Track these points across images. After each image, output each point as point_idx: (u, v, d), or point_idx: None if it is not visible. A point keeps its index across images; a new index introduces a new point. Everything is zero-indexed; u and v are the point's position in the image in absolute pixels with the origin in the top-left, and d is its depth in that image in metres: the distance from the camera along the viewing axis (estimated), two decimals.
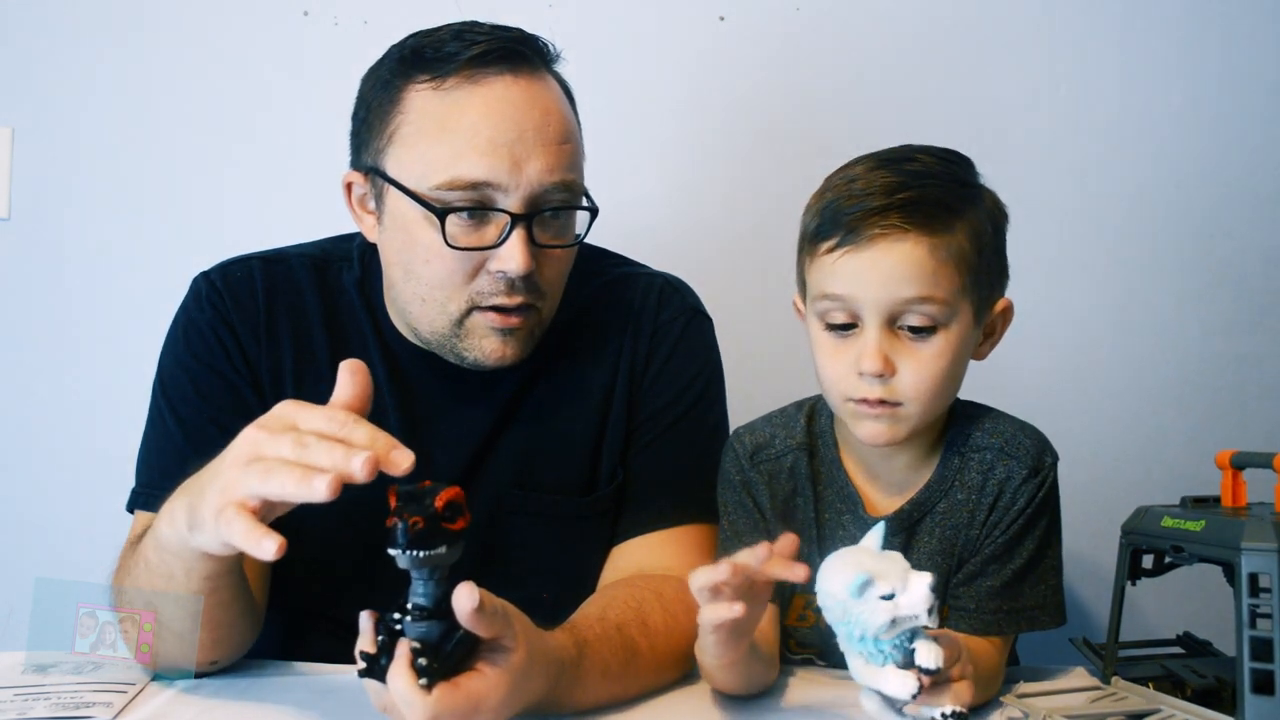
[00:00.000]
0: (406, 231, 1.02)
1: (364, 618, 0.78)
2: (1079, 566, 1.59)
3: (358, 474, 0.74)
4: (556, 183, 1.02)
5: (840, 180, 0.98)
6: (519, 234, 1.00)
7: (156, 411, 1.09)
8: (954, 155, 1.01)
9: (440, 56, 1.01)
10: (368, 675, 0.76)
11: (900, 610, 0.79)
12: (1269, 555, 0.87)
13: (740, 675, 0.93)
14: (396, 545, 0.73)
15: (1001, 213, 1.02)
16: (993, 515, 1.01)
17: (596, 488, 1.14)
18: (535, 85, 1.03)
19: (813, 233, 0.98)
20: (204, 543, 0.82)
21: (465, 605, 0.73)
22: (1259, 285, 1.65)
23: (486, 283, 1.02)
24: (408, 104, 1.02)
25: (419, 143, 1.00)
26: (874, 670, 0.80)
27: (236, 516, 0.76)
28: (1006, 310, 1.03)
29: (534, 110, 1.01)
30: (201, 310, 1.10)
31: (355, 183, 1.08)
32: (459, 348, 1.05)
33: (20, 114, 1.64)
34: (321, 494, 0.73)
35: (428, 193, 1.00)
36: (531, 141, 1.00)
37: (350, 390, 0.82)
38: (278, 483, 0.76)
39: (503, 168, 0.99)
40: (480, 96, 1.00)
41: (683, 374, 1.17)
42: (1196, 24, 1.63)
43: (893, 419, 0.96)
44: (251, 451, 0.79)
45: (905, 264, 0.93)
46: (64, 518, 1.61)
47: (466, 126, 0.99)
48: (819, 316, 0.98)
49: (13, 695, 0.90)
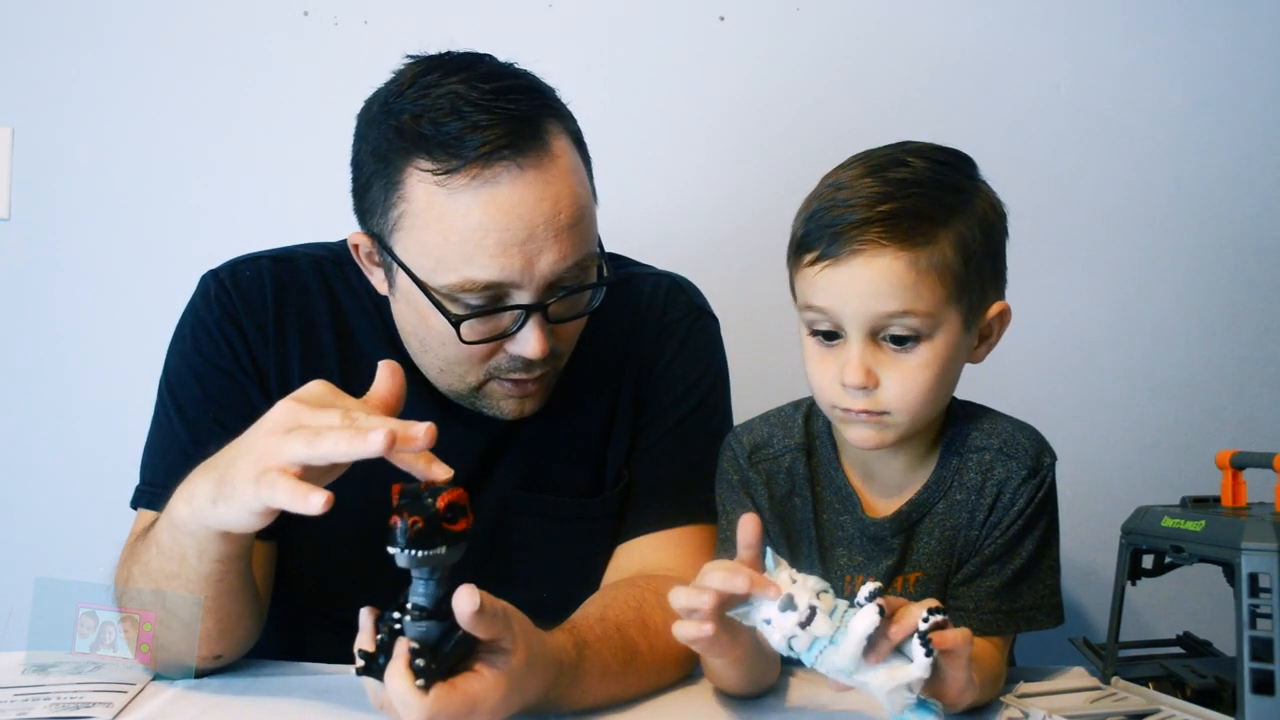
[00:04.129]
0: (419, 313, 1.01)
1: (364, 615, 0.78)
2: (1079, 567, 1.59)
3: (420, 438, 0.75)
4: (570, 267, 1.00)
5: (828, 187, 0.97)
6: (535, 321, 0.99)
7: (163, 410, 1.08)
8: (950, 157, 0.99)
9: (442, 139, 0.95)
10: (365, 674, 0.76)
11: (781, 630, 0.78)
12: (1269, 555, 0.87)
13: (745, 671, 0.93)
14: (395, 544, 0.73)
15: (997, 214, 1.00)
16: (992, 516, 1.01)
17: (603, 489, 1.14)
18: (544, 173, 0.97)
19: (798, 242, 0.97)
20: (230, 515, 0.81)
21: (466, 608, 0.74)
22: (1259, 285, 1.65)
23: (504, 360, 1.02)
24: (410, 191, 0.97)
25: (425, 237, 0.97)
26: (839, 654, 0.79)
27: (280, 478, 0.76)
28: (1003, 314, 1.01)
29: (543, 204, 0.97)
30: (210, 309, 1.09)
31: (361, 244, 1.05)
32: (478, 405, 1.07)
33: (20, 114, 1.64)
34: (378, 446, 0.73)
35: (439, 289, 0.98)
36: (542, 237, 0.96)
37: (387, 387, 0.83)
38: (329, 443, 0.76)
39: (515, 268, 0.96)
40: (487, 195, 0.95)
41: (689, 374, 1.17)
42: (1197, 24, 1.63)
43: (880, 425, 0.96)
44: (291, 420, 0.79)
45: (884, 279, 0.92)
46: (64, 518, 1.61)
47: (474, 228, 0.95)
48: (806, 325, 0.98)
49: (13, 695, 0.90)
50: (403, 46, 1.15)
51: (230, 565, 0.89)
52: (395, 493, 0.74)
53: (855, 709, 0.95)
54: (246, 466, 0.79)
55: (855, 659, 0.78)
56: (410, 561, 0.74)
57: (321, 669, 1.03)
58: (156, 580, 0.90)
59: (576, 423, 1.14)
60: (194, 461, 0.87)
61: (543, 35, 1.57)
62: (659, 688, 0.99)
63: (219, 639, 0.94)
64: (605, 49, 1.12)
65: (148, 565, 0.90)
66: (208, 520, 0.83)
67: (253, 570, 0.96)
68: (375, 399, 0.83)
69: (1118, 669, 1.01)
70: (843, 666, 0.79)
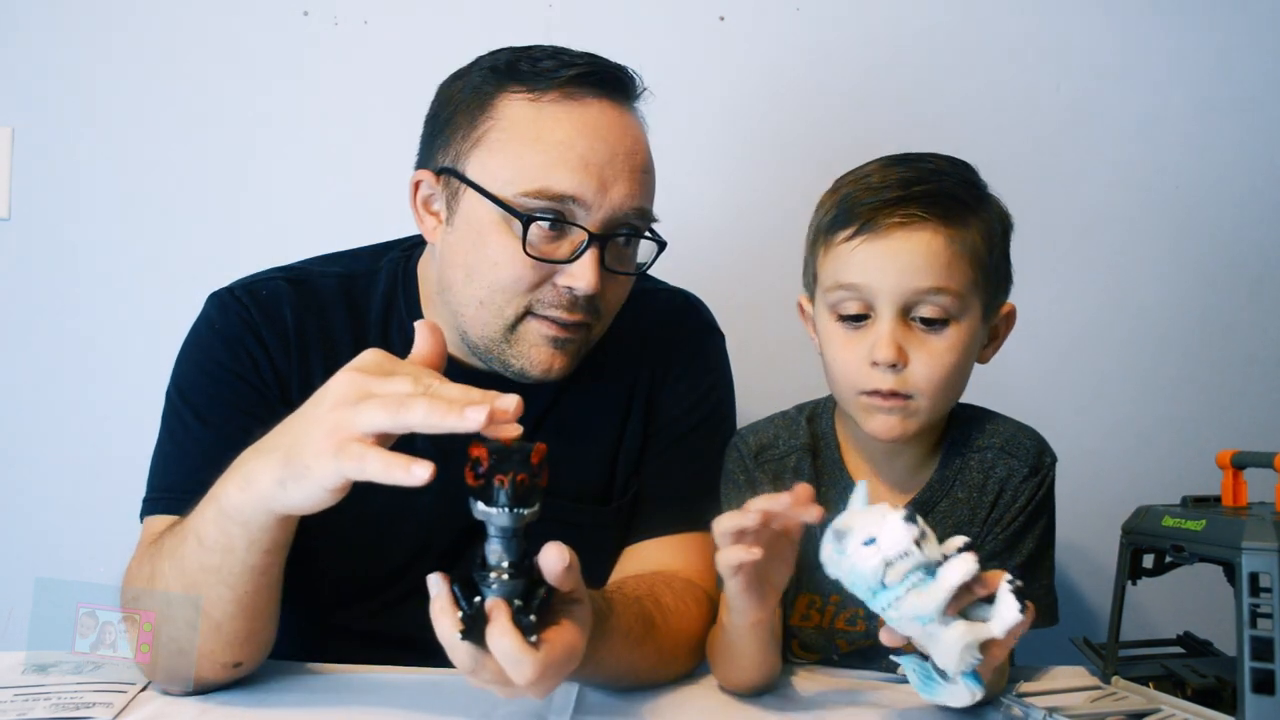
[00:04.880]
0: (479, 234, 1.02)
1: (437, 580, 0.75)
2: (1079, 566, 1.59)
3: (511, 410, 0.74)
4: (635, 209, 1.03)
5: (854, 176, 1.00)
6: (592, 253, 1.00)
7: (176, 420, 1.06)
8: (961, 161, 1.03)
9: (537, 71, 1.02)
10: (469, 638, 0.73)
11: (886, 551, 0.78)
12: (1269, 555, 0.87)
13: (759, 650, 0.93)
14: (499, 504, 0.72)
15: (1008, 219, 1.04)
16: (993, 513, 1.01)
17: (613, 497, 1.15)
18: (628, 114, 1.06)
19: (828, 224, 0.99)
20: (300, 495, 0.78)
21: (558, 565, 0.75)
22: (1259, 285, 1.65)
23: (550, 293, 1.02)
24: (500, 110, 1.02)
25: (509, 148, 1.01)
26: (922, 598, 0.79)
27: (368, 449, 0.73)
28: (1010, 315, 1.05)
29: (626, 137, 1.03)
30: (229, 322, 1.08)
31: (425, 181, 1.07)
32: (507, 354, 1.05)
33: (20, 114, 1.64)
34: (476, 423, 0.72)
35: (512, 198, 1.00)
36: (620, 166, 1.01)
37: (429, 346, 0.83)
38: (419, 413, 0.73)
39: (590, 186, 0.99)
40: (578, 114, 1.01)
41: (697, 388, 1.18)
42: (1197, 24, 1.63)
43: (904, 412, 0.97)
44: (359, 391, 0.76)
45: (922, 253, 0.94)
46: (64, 518, 1.61)
47: (560, 140, 1.00)
48: (831, 308, 0.99)
49: (13, 695, 0.90)
50: (402, 46, 1.16)
51: (276, 557, 0.87)
52: (479, 450, 0.72)
53: (856, 707, 0.95)
54: (319, 440, 0.76)
55: (940, 606, 0.79)
56: (513, 520, 0.72)
57: (322, 669, 1.02)
58: (192, 576, 0.87)
59: (590, 432, 1.14)
60: (221, 461, 0.85)
61: (542, 35, 1.56)
62: (668, 677, 1.00)
63: (246, 641, 0.92)
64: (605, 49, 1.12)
65: (183, 560, 0.87)
66: (272, 504, 0.81)
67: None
68: (419, 358, 0.82)
69: (1118, 668, 1.01)
70: (924, 611, 0.79)
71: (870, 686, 1.00)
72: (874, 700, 0.97)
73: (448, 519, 1.00)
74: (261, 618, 0.92)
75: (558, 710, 0.91)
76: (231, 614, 0.88)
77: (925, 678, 0.85)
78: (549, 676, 0.74)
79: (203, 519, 0.86)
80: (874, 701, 0.96)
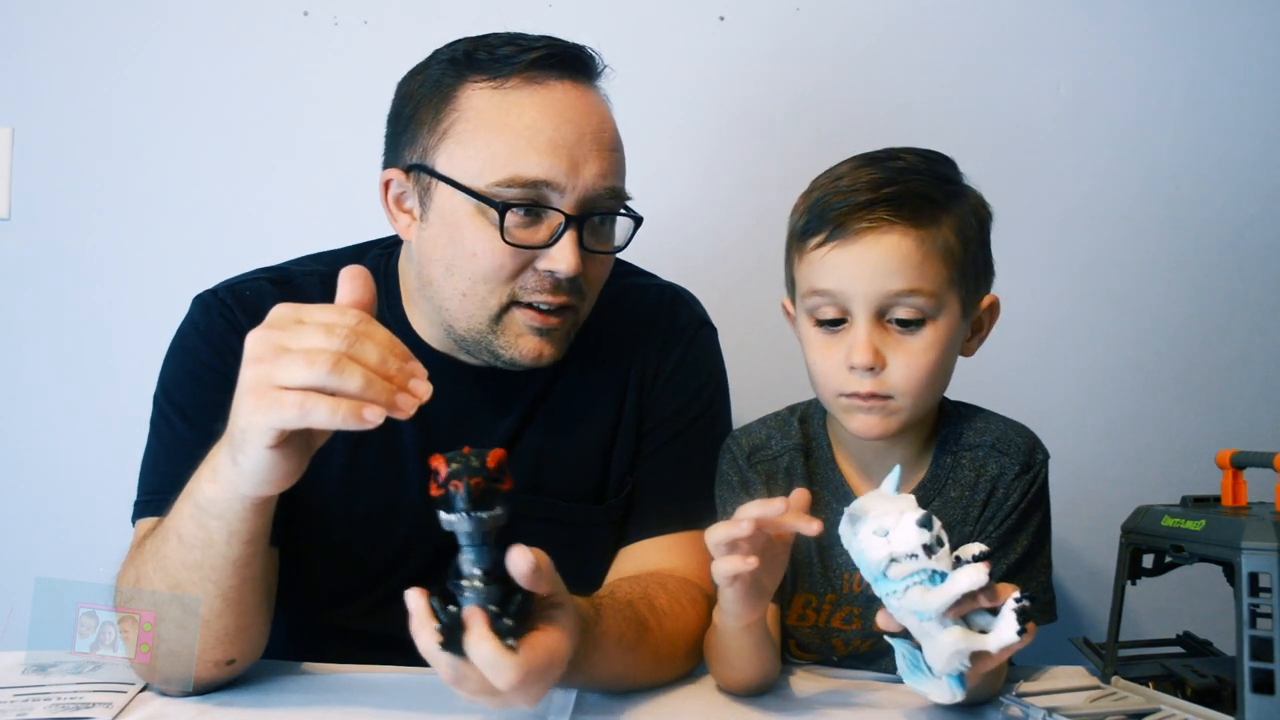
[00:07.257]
0: (454, 227, 1.02)
1: (413, 596, 0.76)
2: (1078, 566, 1.59)
3: (421, 393, 0.77)
4: (608, 188, 1.03)
5: (826, 179, 1.00)
6: (570, 235, 1.01)
7: (162, 421, 1.07)
8: (937, 155, 1.02)
9: (496, 59, 1.02)
10: (449, 649, 0.73)
11: (894, 548, 0.79)
12: (1269, 555, 0.87)
13: (754, 651, 0.93)
14: (457, 509, 0.73)
15: (986, 211, 1.03)
16: (986, 511, 1.01)
17: (606, 496, 1.15)
18: (592, 93, 1.06)
19: (801, 230, 0.99)
20: (250, 464, 0.79)
21: (524, 566, 0.74)
22: (1259, 285, 1.64)
23: (532, 280, 1.02)
24: (463, 101, 1.02)
25: (476, 139, 1.01)
26: (931, 591, 0.79)
27: (305, 396, 0.75)
28: (993, 306, 1.04)
29: (592, 116, 1.03)
30: (212, 323, 1.08)
31: (395, 180, 1.07)
32: (495, 344, 1.05)
33: (20, 114, 1.64)
34: (374, 422, 0.75)
35: (484, 189, 1.00)
36: (589, 145, 1.01)
37: (351, 292, 0.82)
38: (322, 414, 0.75)
39: (561, 168, 1.00)
40: (542, 97, 1.01)
41: (690, 384, 1.18)
42: (1197, 24, 1.63)
43: (884, 412, 0.97)
44: (273, 345, 0.77)
45: (892, 256, 0.94)
46: (64, 518, 1.61)
47: (527, 125, 1.00)
48: (809, 313, 0.99)
49: (13, 695, 0.90)
50: (402, 46, 1.16)
51: (256, 548, 0.87)
52: (437, 462, 0.74)
53: (854, 708, 0.95)
54: (245, 401, 0.78)
55: (941, 608, 0.79)
56: (473, 525, 0.73)
57: (322, 669, 1.02)
58: (175, 574, 0.87)
59: (582, 428, 1.14)
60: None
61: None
62: (665, 679, 1.00)
63: (236, 637, 0.92)
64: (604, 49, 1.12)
65: (165, 560, 0.88)
66: (239, 488, 0.82)
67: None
68: (343, 304, 0.82)
69: (1118, 668, 1.01)
70: (925, 609, 0.80)
71: (868, 687, 1.00)
72: (872, 701, 0.96)
73: (436, 517, 1.00)
74: (250, 613, 0.92)
75: (557, 710, 0.91)
76: (219, 610, 0.88)
77: (913, 665, 0.85)
78: (531, 681, 0.74)
79: (180, 517, 0.87)
80: (872, 702, 0.96)
